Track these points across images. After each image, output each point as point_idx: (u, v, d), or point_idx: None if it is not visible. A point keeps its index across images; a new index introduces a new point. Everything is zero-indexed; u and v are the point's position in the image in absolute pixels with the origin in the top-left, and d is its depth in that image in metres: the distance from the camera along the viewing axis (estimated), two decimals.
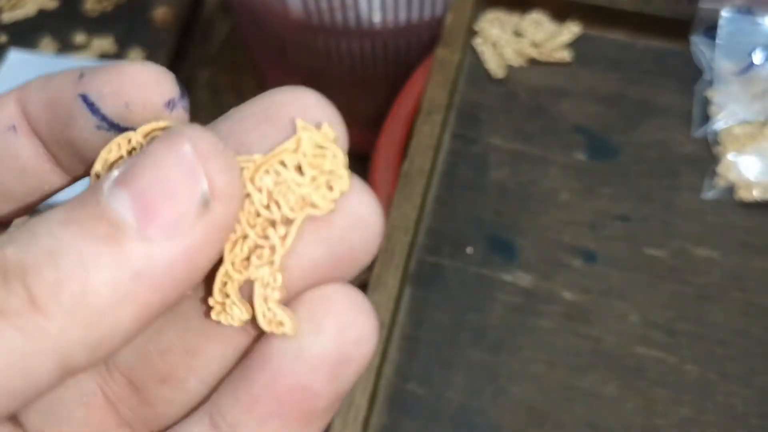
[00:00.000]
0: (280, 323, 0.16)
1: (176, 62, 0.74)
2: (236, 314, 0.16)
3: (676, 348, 0.41)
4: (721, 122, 0.46)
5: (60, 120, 0.16)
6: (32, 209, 0.18)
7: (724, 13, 0.48)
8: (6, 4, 0.73)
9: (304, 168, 0.16)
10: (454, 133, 0.48)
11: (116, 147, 0.16)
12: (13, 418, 0.17)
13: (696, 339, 0.41)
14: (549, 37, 0.50)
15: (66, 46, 0.72)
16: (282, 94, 0.16)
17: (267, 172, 0.15)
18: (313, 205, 0.15)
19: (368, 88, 0.67)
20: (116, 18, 0.74)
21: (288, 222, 0.16)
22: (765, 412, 0.39)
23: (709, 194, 0.45)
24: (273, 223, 0.16)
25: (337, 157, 0.16)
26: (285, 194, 0.15)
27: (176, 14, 0.75)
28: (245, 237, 0.16)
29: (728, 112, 0.46)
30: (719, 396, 0.39)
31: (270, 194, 0.16)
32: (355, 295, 0.16)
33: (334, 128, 0.16)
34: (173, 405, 0.17)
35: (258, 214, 0.16)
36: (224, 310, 0.16)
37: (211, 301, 0.16)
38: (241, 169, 0.15)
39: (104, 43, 0.72)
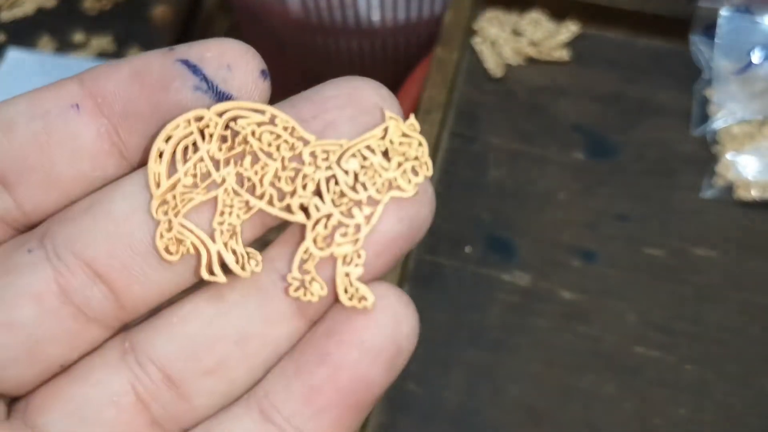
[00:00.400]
0: (363, 297, 0.17)
1: None
2: (316, 290, 0.17)
3: (674, 347, 0.41)
4: (719, 121, 0.46)
5: (150, 87, 0.16)
6: (70, 203, 0.17)
7: (723, 13, 0.48)
8: (5, 3, 0.73)
9: (391, 154, 0.17)
10: (453, 132, 0.48)
11: (185, 123, 0.17)
12: (24, 424, 0.17)
13: (694, 338, 0.41)
14: (547, 36, 0.50)
15: (65, 45, 0.72)
16: (360, 81, 0.17)
17: (353, 155, 0.17)
18: (400, 188, 0.17)
19: None
20: (115, 16, 0.74)
21: (373, 202, 0.17)
22: (763, 412, 0.39)
23: (707, 193, 0.45)
24: (358, 203, 0.17)
25: (423, 146, 0.18)
26: (372, 177, 0.17)
27: (175, 13, 0.75)
28: (329, 216, 0.17)
29: (727, 112, 0.46)
30: (717, 395, 0.39)
31: (356, 176, 0.17)
32: (402, 293, 0.18)
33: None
34: (212, 398, 0.18)
35: (343, 195, 0.17)
36: (303, 286, 0.17)
37: (289, 278, 0.17)
38: (328, 151, 0.17)
39: (103, 41, 0.72)
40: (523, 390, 0.40)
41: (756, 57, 0.47)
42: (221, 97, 0.17)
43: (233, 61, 0.17)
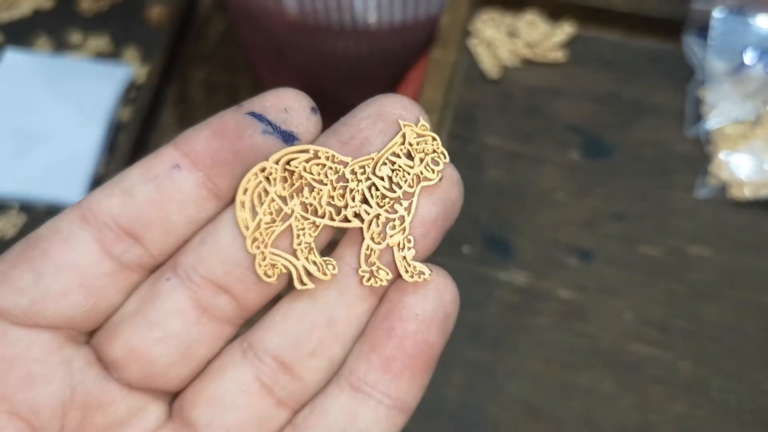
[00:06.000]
0: (421, 272, 0.22)
1: (171, 61, 0.74)
2: (383, 275, 0.22)
3: (670, 345, 0.41)
4: (713, 121, 0.47)
5: (229, 138, 0.21)
6: (184, 242, 0.22)
7: (716, 14, 0.49)
8: (2, 4, 0.73)
9: (413, 153, 0.22)
10: (450, 133, 0.49)
11: (253, 177, 0.21)
12: (182, 420, 0.23)
13: (690, 336, 0.41)
14: (543, 38, 0.51)
15: (62, 46, 0.72)
16: (385, 98, 0.22)
17: (384, 163, 0.22)
18: (426, 179, 0.22)
19: (364, 88, 0.67)
20: (112, 17, 0.74)
21: (408, 196, 0.22)
22: (758, 407, 0.39)
23: (701, 193, 0.45)
24: (397, 200, 0.22)
25: (436, 140, 0.22)
26: (402, 176, 0.22)
27: (171, 13, 0.75)
28: (377, 216, 0.22)
29: (720, 112, 0.47)
30: (713, 392, 0.40)
31: (390, 179, 0.22)
32: (440, 268, 0.22)
33: (426, 120, 0.22)
34: (319, 373, 0.22)
35: (384, 196, 0.22)
36: (372, 275, 0.22)
37: (360, 272, 0.22)
38: (364, 165, 0.22)
39: (100, 42, 0.72)
40: (523, 387, 0.40)
41: (749, 58, 0.48)
42: (285, 135, 0.21)
43: (289, 104, 0.21)
